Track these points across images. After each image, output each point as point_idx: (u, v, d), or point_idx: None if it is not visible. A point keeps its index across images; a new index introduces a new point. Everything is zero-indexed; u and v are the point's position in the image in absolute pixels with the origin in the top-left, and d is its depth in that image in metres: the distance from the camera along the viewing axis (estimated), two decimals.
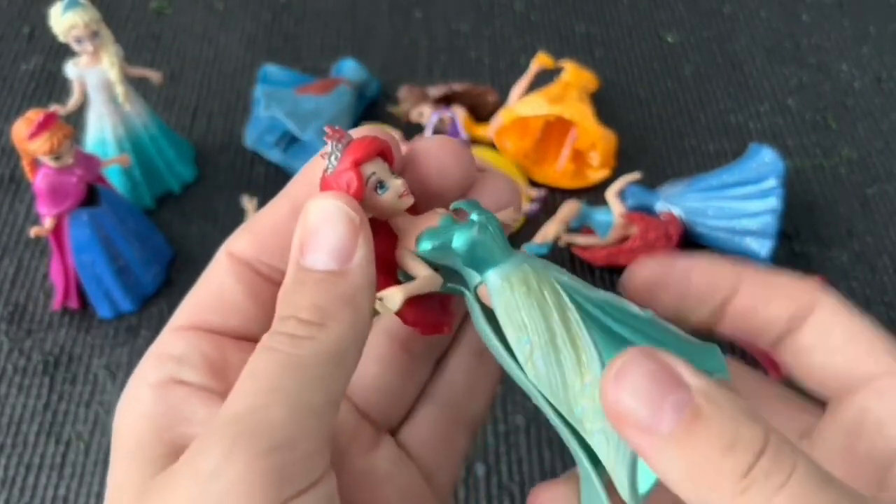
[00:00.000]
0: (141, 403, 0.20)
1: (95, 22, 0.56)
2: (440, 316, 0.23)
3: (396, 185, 0.22)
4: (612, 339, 0.20)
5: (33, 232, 0.55)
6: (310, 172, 0.23)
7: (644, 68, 0.77)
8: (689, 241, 0.61)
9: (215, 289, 0.22)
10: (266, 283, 0.22)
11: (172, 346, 0.21)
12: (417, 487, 0.24)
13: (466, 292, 0.23)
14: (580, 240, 0.61)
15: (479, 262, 0.22)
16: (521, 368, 0.21)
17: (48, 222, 0.54)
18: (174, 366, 0.20)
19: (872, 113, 0.73)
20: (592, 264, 0.62)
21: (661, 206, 0.62)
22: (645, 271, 0.22)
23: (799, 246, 0.64)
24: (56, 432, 0.54)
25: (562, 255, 0.62)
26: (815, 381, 0.21)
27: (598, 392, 0.19)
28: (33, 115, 0.51)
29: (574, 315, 0.21)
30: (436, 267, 0.22)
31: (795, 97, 0.75)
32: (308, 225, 0.20)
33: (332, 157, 0.22)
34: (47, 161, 0.52)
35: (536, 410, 0.55)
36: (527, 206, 0.65)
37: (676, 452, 0.16)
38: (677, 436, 0.16)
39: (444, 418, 0.25)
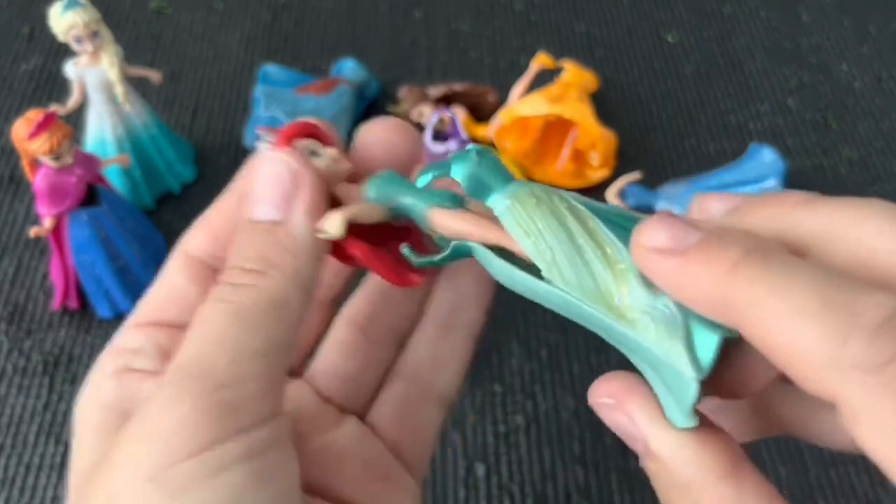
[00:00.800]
0: (100, 392, 0.21)
1: (95, 22, 0.56)
2: (401, 263, 0.23)
3: (330, 152, 0.22)
4: (629, 235, 0.19)
5: (33, 232, 0.55)
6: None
7: (644, 68, 0.77)
8: None
9: (170, 288, 0.23)
10: (212, 263, 0.23)
11: (129, 341, 0.22)
12: (384, 461, 0.24)
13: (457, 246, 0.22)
14: None
15: (482, 189, 0.22)
16: (547, 281, 0.20)
17: (48, 222, 0.54)
18: (130, 356, 0.21)
19: (873, 113, 0.73)
20: None
21: (661, 206, 0.62)
22: (605, 388, 0.24)
23: None
24: (56, 432, 0.53)
25: None
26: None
27: (632, 277, 0.19)
28: (33, 115, 0.51)
29: (588, 215, 0.20)
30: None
31: (795, 97, 0.75)
32: (251, 178, 0.21)
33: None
34: (47, 161, 0.52)
35: (535, 410, 0.56)
36: None
37: (692, 267, 0.17)
38: (703, 242, 0.17)
39: (410, 393, 0.25)
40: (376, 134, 0.24)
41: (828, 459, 0.52)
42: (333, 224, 0.21)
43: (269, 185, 0.21)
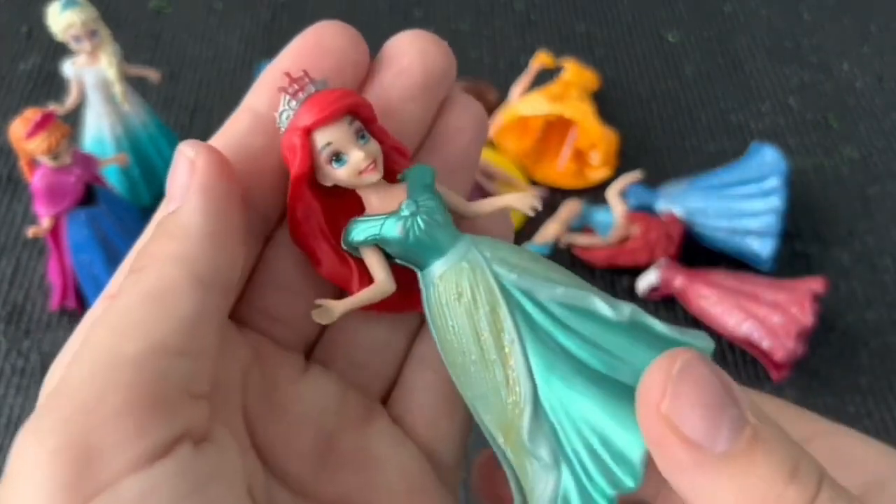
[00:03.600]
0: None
1: (93, 21, 0.56)
2: (404, 295, 0.21)
3: (357, 158, 0.20)
4: (552, 354, 0.18)
5: (31, 232, 0.54)
6: (269, 79, 0.21)
7: (645, 67, 0.76)
8: (691, 240, 0.61)
9: None
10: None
11: None
12: (419, 468, 0.22)
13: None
14: (581, 240, 0.61)
15: (416, 254, 0.20)
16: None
17: (46, 222, 0.54)
18: None
19: (874, 112, 0.73)
20: (593, 265, 0.61)
21: (662, 206, 0.61)
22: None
23: (800, 246, 0.63)
24: None
25: (562, 256, 0.62)
26: None
27: (520, 415, 0.18)
28: (31, 115, 0.51)
29: (509, 325, 0.18)
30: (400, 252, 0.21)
31: (796, 96, 0.74)
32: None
33: (284, 116, 0.20)
34: (45, 161, 0.52)
35: None
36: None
37: (732, 475, 0.14)
38: (735, 457, 0.14)
39: (441, 383, 0.22)
40: (408, 44, 0.21)
41: None
42: (329, 316, 0.20)
43: (171, 179, 0.20)
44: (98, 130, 0.62)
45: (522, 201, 0.21)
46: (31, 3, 0.82)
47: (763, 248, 0.59)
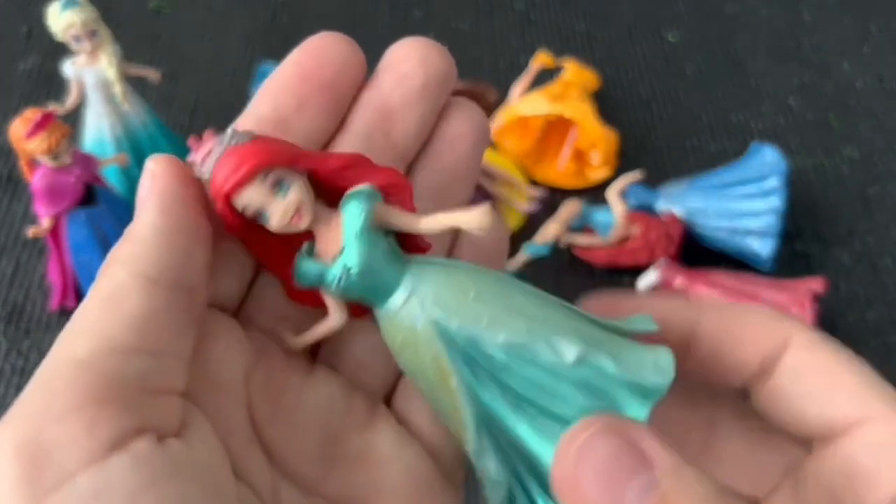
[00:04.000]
0: None
1: (93, 21, 0.56)
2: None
3: (278, 213, 0.19)
4: (494, 398, 0.18)
5: (31, 232, 0.54)
6: (273, 85, 0.22)
7: (645, 67, 0.76)
8: (691, 241, 0.61)
9: None
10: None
11: None
12: (425, 468, 0.22)
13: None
14: (581, 240, 0.61)
15: (361, 299, 0.20)
16: None
17: (46, 222, 0.54)
18: None
19: (874, 112, 0.73)
20: (593, 265, 0.61)
21: (662, 206, 0.61)
22: (591, 305, 0.20)
23: (800, 246, 0.63)
24: None
25: (562, 256, 0.62)
26: (793, 426, 0.19)
27: (466, 435, 0.19)
28: (31, 115, 0.51)
29: (451, 371, 0.19)
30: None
31: (797, 96, 0.74)
32: None
33: (204, 171, 0.21)
34: (45, 161, 0.52)
35: None
36: (527, 206, 0.65)
37: None
38: None
39: None
40: (408, 51, 0.21)
41: None
42: (294, 345, 0.21)
43: (138, 194, 0.20)
44: (98, 130, 0.62)
45: (473, 222, 0.19)
46: (30, 3, 0.82)
47: (763, 248, 0.59)
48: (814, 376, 0.18)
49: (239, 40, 0.78)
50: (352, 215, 0.20)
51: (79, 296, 0.58)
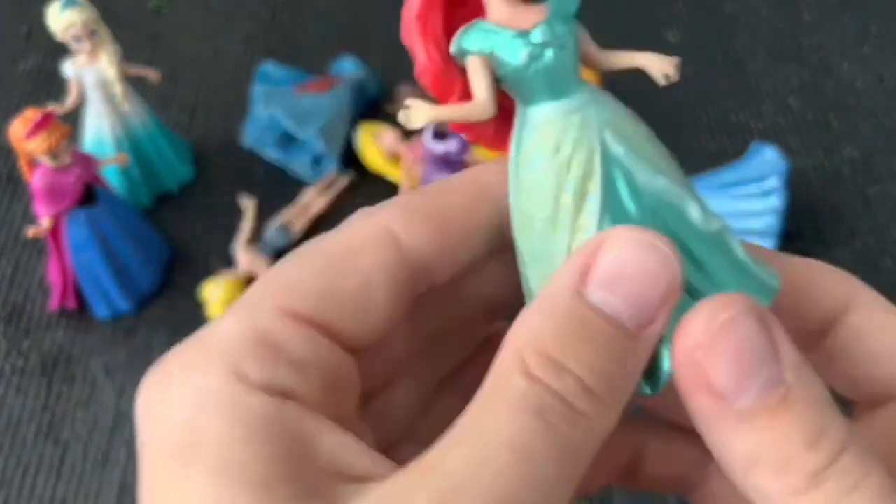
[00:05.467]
0: (241, 406, 0.14)
1: (93, 21, 0.56)
2: (501, 129, 0.19)
3: None
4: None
5: (31, 232, 0.54)
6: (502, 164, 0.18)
7: None
8: None
9: (352, 276, 0.16)
10: (423, 281, 0.17)
11: (284, 338, 0.15)
12: None
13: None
14: None
15: (529, 88, 0.18)
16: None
17: (46, 222, 0.54)
18: (288, 371, 0.15)
19: (874, 112, 0.73)
20: None
21: None
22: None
23: (800, 245, 0.63)
24: (54, 433, 0.53)
25: None
26: (851, 386, 0.19)
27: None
28: (31, 115, 0.51)
29: (594, 200, 0.17)
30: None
31: (797, 96, 0.74)
32: (611, 254, 0.15)
33: None
34: (45, 160, 0.52)
35: None
36: None
37: (750, 432, 0.14)
38: (757, 415, 0.14)
39: None
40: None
41: None
42: (417, 119, 0.18)
43: (634, 278, 0.15)
44: (98, 130, 0.62)
45: (659, 65, 0.18)
46: (30, 2, 0.82)
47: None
48: (878, 336, 0.18)
49: (239, 40, 0.78)
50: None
51: (78, 296, 0.58)
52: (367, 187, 0.67)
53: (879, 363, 0.18)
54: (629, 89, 0.85)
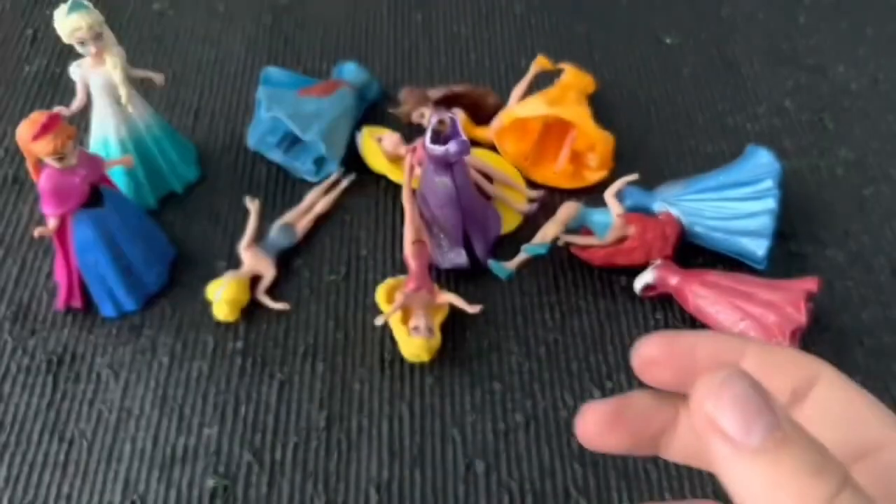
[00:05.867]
0: None
1: (98, 24, 0.57)
2: None
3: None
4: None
5: (37, 232, 0.55)
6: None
7: (642, 70, 0.77)
8: (687, 241, 0.62)
9: None
10: None
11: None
12: None
13: None
14: (579, 240, 0.62)
15: None
16: None
17: (52, 222, 0.55)
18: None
19: (869, 114, 0.74)
20: (591, 264, 0.62)
21: (658, 207, 0.62)
22: (650, 349, 0.22)
23: (796, 246, 0.64)
24: (59, 431, 0.54)
25: (560, 255, 0.63)
26: None
27: None
28: (37, 117, 0.51)
29: None
30: None
31: (793, 98, 0.75)
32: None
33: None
34: (51, 162, 0.53)
35: (534, 408, 0.56)
36: (526, 207, 0.66)
37: (762, 467, 0.17)
38: (765, 452, 0.17)
39: None
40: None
41: None
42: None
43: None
44: (103, 132, 0.62)
45: None
46: (36, 6, 0.83)
47: (758, 248, 0.60)
48: (839, 408, 0.21)
49: (242, 44, 0.79)
50: None
51: (84, 295, 0.59)
52: (369, 188, 0.67)
53: (843, 427, 0.21)
54: (628, 92, 0.86)
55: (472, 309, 0.57)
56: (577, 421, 0.22)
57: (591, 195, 0.66)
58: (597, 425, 0.22)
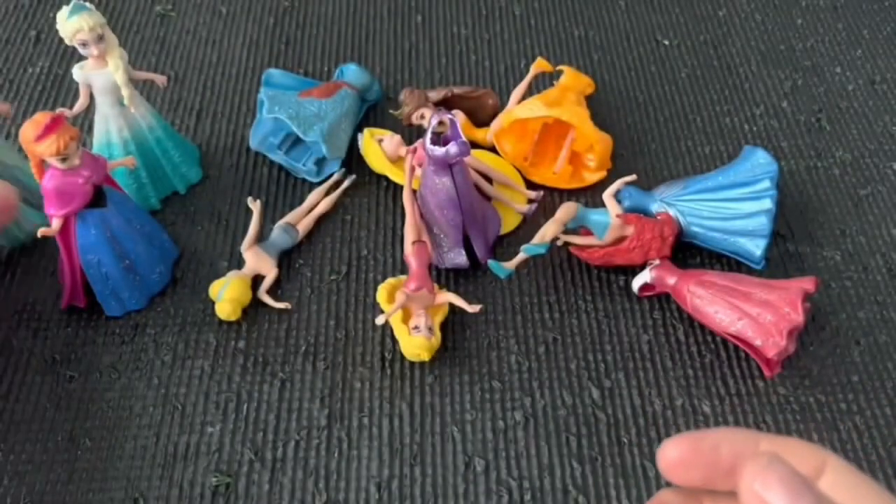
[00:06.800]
0: None
1: (100, 26, 0.57)
2: None
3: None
4: None
5: (41, 232, 0.55)
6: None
7: (640, 72, 0.78)
8: (685, 241, 0.62)
9: None
10: None
11: None
12: None
13: None
14: (577, 240, 0.62)
15: None
16: None
17: (55, 223, 0.55)
18: None
19: (866, 115, 0.74)
20: (589, 264, 0.62)
21: (656, 208, 0.63)
22: (676, 451, 0.23)
23: (793, 246, 0.64)
24: (63, 429, 0.54)
25: (559, 255, 0.63)
26: None
27: None
28: (41, 118, 0.52)
29: None
30: None
31: (790, 99, 0.76)
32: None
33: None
34: (54, 163, 0.53)
35: (533, 407, 0.56)
36: (525, 208, 0.66)
37: None
38: None
39: None
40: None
41: None
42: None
43: None
44: (106, 133, 0.63)
45: None
46: (39, 8, 0.83)
47: (755, 248, 0.60)
48: (849, 492, 0.22)
49: (244, 45, 0.80)
50: None
51: (88, 295, 0.59)
52: (370, 189, 0.68)
53: None
54: (626, 93, 0.86)
55: (472, 308, 0.57)
56: None
57: (590, 195, 0.67)
58: (677, 460, 0.23)
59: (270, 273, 0.61)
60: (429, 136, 0.58)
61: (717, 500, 0.24)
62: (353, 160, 0.68)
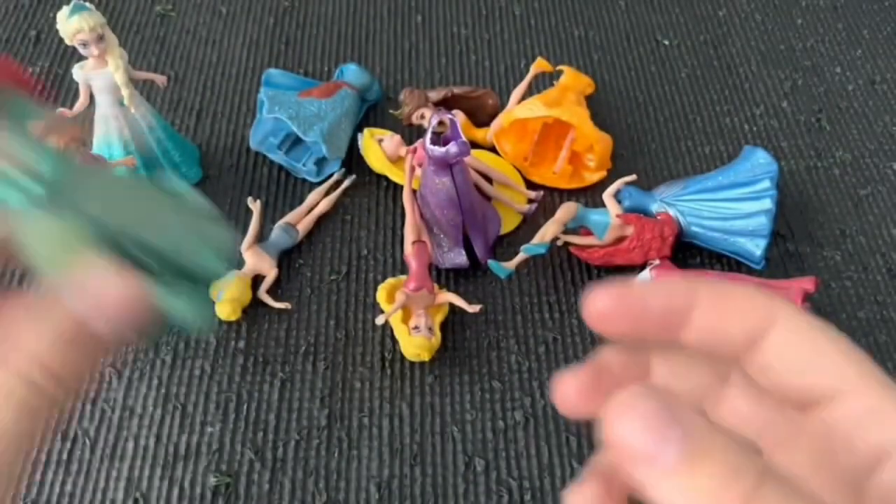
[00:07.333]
0: None
1: (101, 26, 0.57)
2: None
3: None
4: None
5: None
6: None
7: (640, 72, 0.78)
8: (685, 241, 0.62)
9: None
10: None
11: None
12: None
13: None
14: (577, 240, 0.62)
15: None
16: None
17: None
18: None
19: (866, 115, 0.74)
20: (589, 264, 0.62)
21: (656, 207, 0.63)
22: (602, 301, 0.21)
23: (793, 245, 0.64)
24: (62, 429, 0.54)
25: (559, 255, 0.63)
26: (777, 395, 0.21)
27: None
28: None
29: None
30: None
31: (790, 100, 0.76)
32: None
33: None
34: None
35: (533, 406, 0.56)
36: (525, 207, 0.66)
37: (682, 480, 0.17)
38: (683, 464, 0.17)
39: None
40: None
41: None
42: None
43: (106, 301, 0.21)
44: (106, 133, 0.63)
45: None
46: (39, 8, 0.83)
47: (756, 248, 0.60)
48: (797, 352, 0.20)
49: (243, 45, 0.80)
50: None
51: None
52: (370, 189, 0.68)
53: (797, 375, 0.20)
54: (626, 93, 0.86)
55: (472, 308, 0.57)
56: (554, 394, 0.21)
57: (590, 195, 0.67)
58: (577, 395, 0.21)
59: (270, 273, 0.61)
60: (429, 136, 0.58)
61: (668, 357, 0.22)
62: (353, 160, 0.68)
